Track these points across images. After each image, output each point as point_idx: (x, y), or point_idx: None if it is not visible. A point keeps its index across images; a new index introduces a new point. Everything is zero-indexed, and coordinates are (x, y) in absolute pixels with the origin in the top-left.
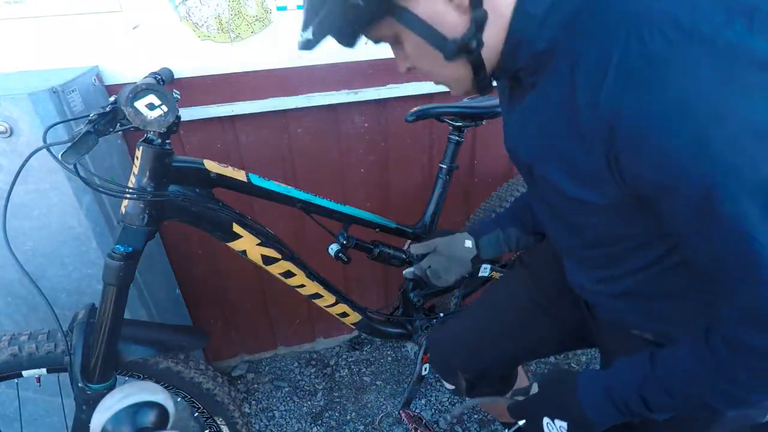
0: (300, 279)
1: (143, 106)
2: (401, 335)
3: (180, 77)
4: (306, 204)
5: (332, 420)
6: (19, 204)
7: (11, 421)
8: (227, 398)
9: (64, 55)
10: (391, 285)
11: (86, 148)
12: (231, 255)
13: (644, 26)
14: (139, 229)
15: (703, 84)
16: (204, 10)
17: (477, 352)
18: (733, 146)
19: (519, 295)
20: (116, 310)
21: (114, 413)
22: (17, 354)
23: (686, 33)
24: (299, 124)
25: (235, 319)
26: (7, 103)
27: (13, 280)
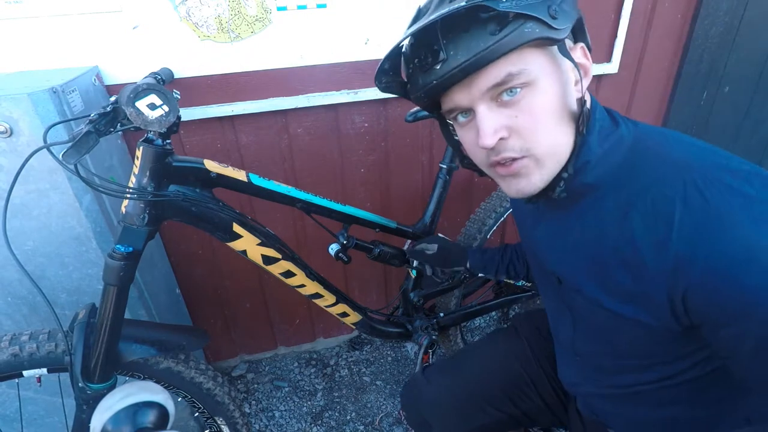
0: (300, 279)
1: (144, 106)
2: (401, 335)
3: (180, 77)
4: (306, 204)
5: (332, 420)
6: (19, 204)
7: (12, 421)
8: (227, 398)
9: (64, 55)
10: (391, 285)
11: (87, 148)
12: (231, 255)
13: (698, 179)
14: (140, 229)
15: (761, 233)
16: (204, 10)
17: (462, 418)
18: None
19: (513, 365)
20: (116, 310)
21: (114, 413)
22: (18, 354)
23: (736, 192)
24: (299, 124)
25: (235, 319)
26: (7, 103)
27: (13, 280)
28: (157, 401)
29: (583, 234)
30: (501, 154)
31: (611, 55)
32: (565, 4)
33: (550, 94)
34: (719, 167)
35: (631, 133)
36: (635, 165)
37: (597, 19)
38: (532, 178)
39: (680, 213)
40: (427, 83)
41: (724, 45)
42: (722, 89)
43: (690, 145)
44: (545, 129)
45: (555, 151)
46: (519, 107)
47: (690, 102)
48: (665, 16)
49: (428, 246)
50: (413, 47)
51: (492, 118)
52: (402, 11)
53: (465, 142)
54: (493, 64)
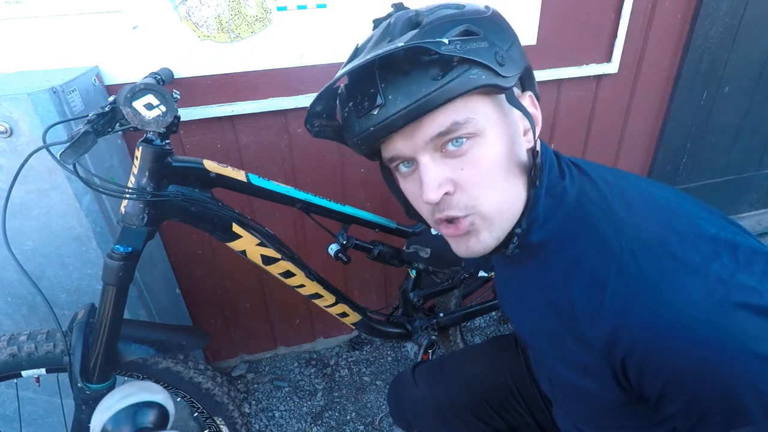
0: (300, 279)
1: (141, 106)
2: (401, 335)
3: (180, 77)
4: (306, 204)
5: (332, 420)
6: (19, 204)
7: (11, 421)
8: (227, 398)
9: (64, 55)
10: (391, 285)
11: (85, 148)
12: (231, 255)
13: (636, 245)
14: (139, 229)
15: (698, 311)
16: (204, 10)
17: (444, 424)
18: (736, 367)
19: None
20: (116, 310)
21: (114, 413)
22: (16, 354)
23: (678, 260)
24: (299, 124)
25: (235, 319)
26: (7, 103)
27: (13, 280)
28: (156, 401)
29: (535, 295)
30: (445, 211)
31: (611, 55)
32: (513, 51)
33: (498, 145)
34: (668, 230)
35: (576, 185)
36: (577, 223)
37: (597, 19)
38: (482, 237)
39: (613, 284)
40: (364, 129)
41: (724, 45)
42: (722, 89)
43: (643, 199)
44: (492, 184)
45: (503, 208)
46: (465, 159)
47: (690, 102)
48: (665, 16)
49: (422, 248)
50: (349, 88)
51: (436, 170)
52: None
53: (408, 195)
54: (437, 111)
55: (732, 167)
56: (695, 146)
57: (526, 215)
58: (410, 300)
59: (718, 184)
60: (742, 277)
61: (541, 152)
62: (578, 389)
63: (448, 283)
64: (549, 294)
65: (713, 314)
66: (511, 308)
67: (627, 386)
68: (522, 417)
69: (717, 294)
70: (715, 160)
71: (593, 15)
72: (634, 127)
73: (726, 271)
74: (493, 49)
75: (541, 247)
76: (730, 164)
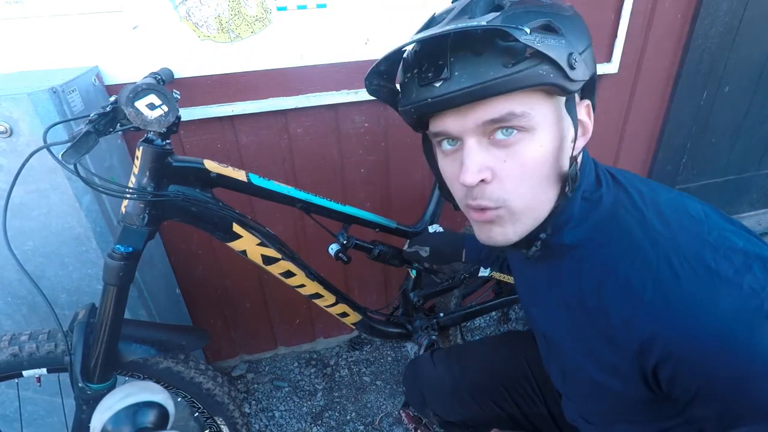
0: (300, 279)
1: (144, 106)
2: (401, 335)
3: (180, 77)
4: (306, 204)
5: (332, 420)
6: (19, 204)
7: (12, 421)
8: (227, 398)
9: (64, 55)
10: (391, 285)
11: (86, 148)
12: (231, 255)
13: (673, 256)
14: (139, 229)
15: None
16: (204, 10)
17: (460, 404)
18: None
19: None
20: (116, 310)
21: (114, 413)
22: (18, 354)
23: (712, 271)
24: (299, 124)
25: (235, 319)
26: (7, 103)
27: (13, 280)
28: (157, 401)
29: (563, 295)
30: (477, 199)
31: (611, 55)
32: (586, 56)
33: (546, 146)
34: (702, 243)
35: (612, 194)
36: (611, 230)
37: (597, 19)
38: (506, 230)
39: (650, 293)
40: (421, 99)
41: (724, 45)
42: (722, 89)
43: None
44: (530, 183)
45: (533, 209)
46: (510, 151)
47: (690, 102)
48: (665, 16)
49: (421, 248)
50: (416, 55)
51: (480, 154)
52: (402, 12)
53: (445, 172)
54: (497, 97)
55: (732, 167)
56: (695, 146)
57: (552, 220)
58: (410, 300)
59: (718, 184)
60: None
61: (582, 161)
62: (601, 386)
63: (448, 283)
64: (581, 297)
65: (748, 324)
66: (536, 307)
67: (656, 388)
68: (536, 406)
69: (751, 304)
70: (715, 160)
71: (593, 15)
72: (634, 127)
73: (758, 283)
74: (569, 50)
75: (572, 249)
76: (730, 164)
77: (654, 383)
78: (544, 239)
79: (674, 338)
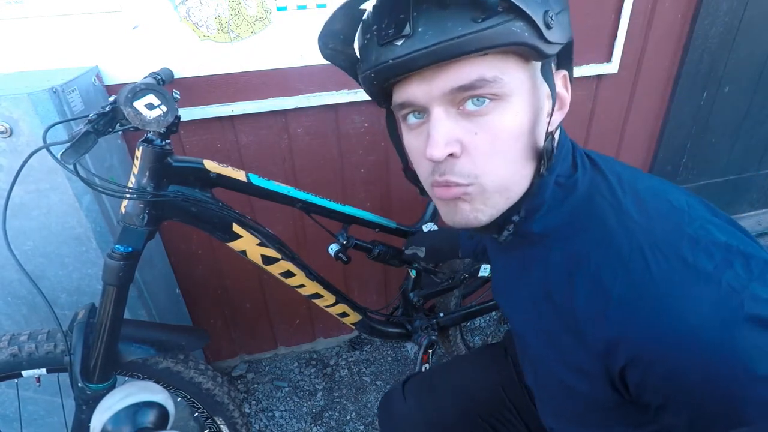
0: (300, 279)
1: (142, 106)
2: (401, 335)
3: (180, 77)
4: (306, 204)
5: (332, 420)
6: (19, 204)
7: (11, 420)
8: (227, 398)
9: (64, 55)
10: (391, 285)
11: (85, 148)
12: (231, 255)
13: (647, 248)
14: (139, 229)
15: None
16: (204, 10)
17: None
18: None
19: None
20: (116, 310)
21: (114, 413)
22: (17, 354)
23: (689, 266)
24: (299, 124)
25: (235, 319)
26: (7, 103)
27: (13, 280)
28: (157, 401)
29: (531, 286)
30: (445, 175)
31: (611, 55)
32: (562, 18)
33: (522, 116)
34: (680, 234)
35: (587, 178)
36: (585, 217)
37: (597, 19)
38: (475, 207)
39: (620, 287)
40: (382, 61)
41: (724, 45)
42: (722, 89)
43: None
44: (503, 158)
45: (506, 187)
46: (482, 122)
47: (690, 102)
48: (665, 16)
49: (417, 248)
50: (376, 11)
51: (447, 126)
52: None
53: (410, 149)
54: (466, 60)
55: (732, 167)
56: (695, 146)
57: (526, 203)
58: (410, 300)
59: (718, 184)
60: (755, 288)
61: (559, 140)
62: (568, 387)
63: (448, 283)
64: (548, 288)
65: (725, 327)
66: (505, 297)
67: (624, 392)
68: (515, 427)
69: (729, 304)
70: (715, 160)
71: (593, 15)
72: (634, 127)
73: (739, 281)
74: (544, 7)
75: (542, 238)
76: (730, 164)
77: (622, 387)
78: (516, 222)
79: (644, 340)
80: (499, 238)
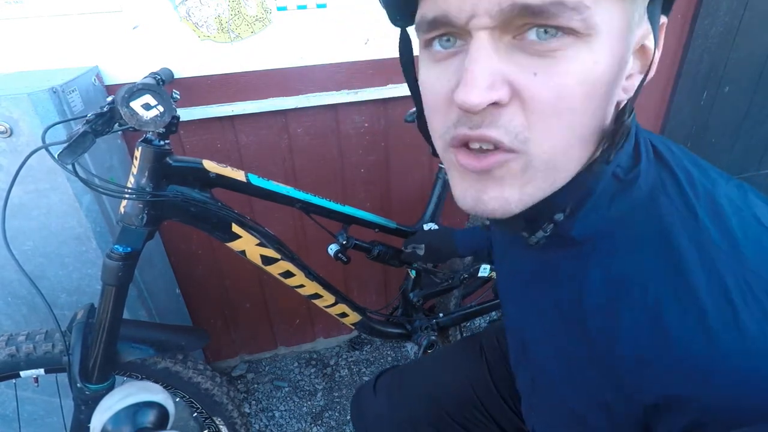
0: (299, 279)
1: (139, 106)
2: (401, 335)
3: (180, 77)
4: (305, 204)
5: (332, 420)
6: (18, 204)
7: (11, 421)
8: (226, 398)
9: (64, 55)
10: (390, 285)
11: (83, 149)
12: (231, 255)
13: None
14: (138, 229)
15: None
16: (204, 10)
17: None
18: None
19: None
20: (115, 311)
21: (114, 413)
22: (15, 354)
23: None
24: (299, 124)
25: (235, 319)
26: (7, 103)
27: (12, 280)
28: (156, 401)
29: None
30: (480, 128)
31: None
32: None
33: (604, 65)
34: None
35: (652, 175)
36: (644, 225)
37: None
38: (508, 191)
39: (692, 336)
40: None
41: (724, 45)
42: (722, 89)
43: (741, 215)
44: (567, 120)
45: (555, 167)
46: (547, 63)
47: (690, 102)
48: None
49: (417, 246)
50: None
51: (494, 59)
52: None
53: (428, 89)
54: None
55: (732, 167)
56: (695, 146)
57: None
58: (410, 300)
59: None
60: None
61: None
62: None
63: (447, 283)
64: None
65: None
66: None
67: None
68: (487, 427)
69: None
70: (715, 160)
71: None
72: None
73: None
74: None
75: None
76: (730, 164)
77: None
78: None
79: (721, 409)
80: (530, 239)
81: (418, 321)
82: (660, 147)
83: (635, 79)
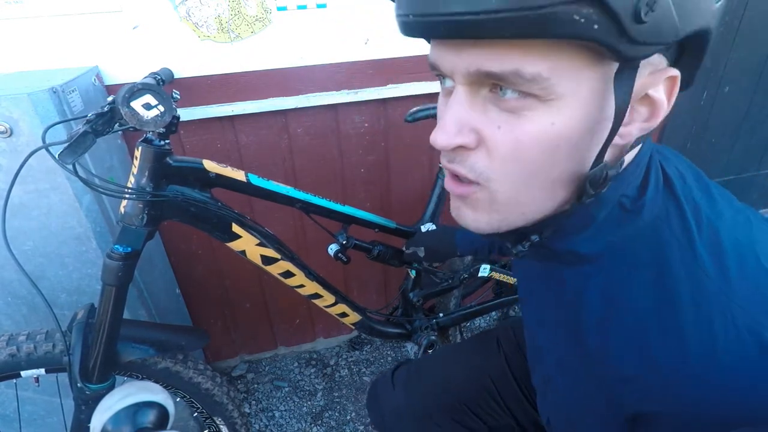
0: (299, 279)
1: (140, 106)
2: (401, 335)
3: (180, 77)
4: (305, 204)
5: (332, 420)
6: (18, 204)
7: (11, 421)
8: (226, 398)
9: (64, 55)
10: (390, 285)
11: (83, 148)
12: (231, 255)
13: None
14: (138, 229)
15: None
16: (204, 10)
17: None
18: None
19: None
20: (115, 311)
21: (114, 413)
22: (15, 354)
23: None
24: (299, 124)
25: (235, 319)
26: (7, 103)
27: (13, 280)
28: (157, 401)
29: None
30: (454, 163)
31: None
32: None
33: (560, 128)
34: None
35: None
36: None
37: None
38: (478, 216)
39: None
40: (402, 14)
41: (724, 45)
42: (722, 89)
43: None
44: (524, 171)
45: (521, 205)
46: (510, 118)
47: (690, 102)
48: None
49: (417, 248)
50: None
51: (466, 110)
52: None
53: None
54: (503, 44)
55: (732, 167)
56: (695, 146)
57: (554, 222)
58: (410, 300)
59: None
60: None
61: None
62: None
63: (447, 283)
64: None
65: None
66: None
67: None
68: (503, 419)
69: None
70: (715, 160)
71: None
72: None
73: None
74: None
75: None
76: (730, 164)
77: None
78: (536, 242)
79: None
80: (513, 249)
81: (418, 321)
82: (672, 175)
83: (634, 126)
